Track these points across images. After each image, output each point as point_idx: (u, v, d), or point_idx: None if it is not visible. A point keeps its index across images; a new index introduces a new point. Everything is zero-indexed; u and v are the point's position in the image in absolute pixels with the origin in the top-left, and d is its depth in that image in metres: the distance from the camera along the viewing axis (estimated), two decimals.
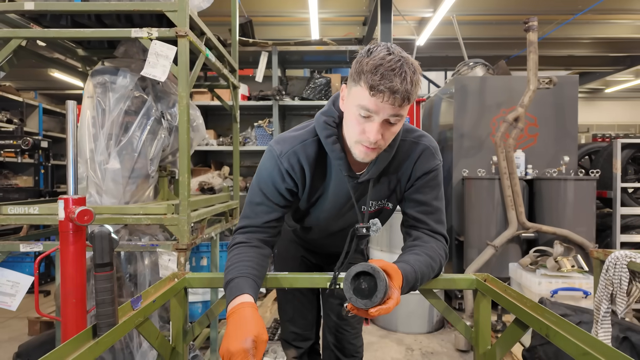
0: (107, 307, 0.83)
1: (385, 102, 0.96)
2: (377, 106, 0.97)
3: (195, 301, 2.92)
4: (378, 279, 0.94)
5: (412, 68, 0.97)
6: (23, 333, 3.28)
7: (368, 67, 0.96)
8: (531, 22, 3.29)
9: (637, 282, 1.67)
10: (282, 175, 1.17)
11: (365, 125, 1.01)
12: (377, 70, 0.94)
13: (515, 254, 3.51)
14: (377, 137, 1.00)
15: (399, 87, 0.94)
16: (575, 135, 4.00)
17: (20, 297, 1.75)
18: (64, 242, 1.21)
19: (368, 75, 0.95)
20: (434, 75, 8.38)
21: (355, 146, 1.07)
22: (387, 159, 1.15)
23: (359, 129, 1.03)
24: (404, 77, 0.95)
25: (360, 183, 1.19)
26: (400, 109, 0.98)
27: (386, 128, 1.02)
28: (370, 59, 0.97)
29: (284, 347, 1.71)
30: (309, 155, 1.17)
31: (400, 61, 0.96)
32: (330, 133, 1.13)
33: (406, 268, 1.06)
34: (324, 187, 1.24)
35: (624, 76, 9.35)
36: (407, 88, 0.95)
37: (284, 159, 1.16)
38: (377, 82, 0.94)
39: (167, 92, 2.21)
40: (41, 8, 1.80)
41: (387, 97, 0.95)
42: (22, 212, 1.77)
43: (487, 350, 1.21)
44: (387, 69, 0.94)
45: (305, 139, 1.17)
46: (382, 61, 0.95)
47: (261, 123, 4.53)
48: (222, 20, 4.56)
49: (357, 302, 0.95)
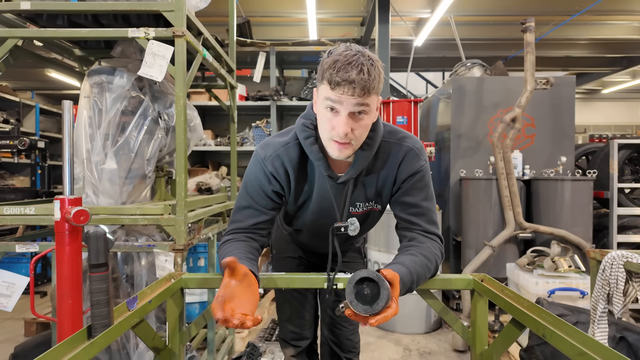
0: (102, 307, 0.82)
1: (346, 94, 1.00)
2: (339, 99, 1.01)
3: (192, 302, 2.91)
4: (382, 288, 0.93)
5: (369, 61, 1.01)
6: (19, 334, 3.26)
7: (327, 64, 1.02)
8: (528, 23, 3.30)
9: (633, 282, 1.68)
10: (268, 178, 1.21)
11: (334, 120, 1.05)
12: (335, 65, 1.00)
13: (512, 254, 3.52)
14: (345, 129, 1.03)
15: (355, 77, 0.98)
16: (572, 135, 4.01)
17: (16, 298, 1.74)
18: (60, 242, 1.20)
19: (328, 72, 1.01)
20: (432, 76, 8.40)
21: (329, 144, 1.09)
22: (368, 158, 1.16)
23: (328, 126, 1.06)
24: (360, 68, 0.98)
25: (341, 184, 1.20)
26: (362, 99, 1.01)
27: (354, 120, 1.05)
28: (330, 58, 1.02)
29: (282, 346, 1.71)
30: (291, 158, 1.20)
31: (357, 55, 1.00)
32: (308, 134, 1.16)
33: (402, 270, 1.06)
34: (309, 189, 1.26)
35: (620, 77, 9.40)
36: (364, 77, 0.98)
37: (268, 162, 1.20)
38: (335, 75, 0.99)
39: (164, 92, 2.20)
40: (37, 8, 1.79)
41: (346, 89, 0.99)
42: (18, 213, 1.76)
43: (484, 350, 1.21)
44: (344, 63, 0.99)
45: (287, 142, 1.21)
46: (339, 57, 1.01)
47: (259, 123, 4.52)
48: (219, 20, 4.57)
49: (358, 307, 0.94)
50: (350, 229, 1.20)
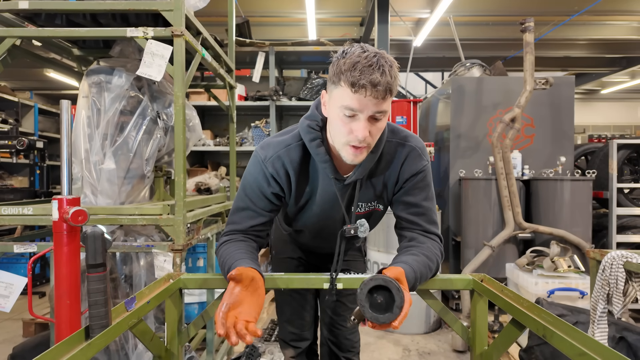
0: (100, 308, 0.82)
1: (369, 97, 0.96)
2: (360, 103, 0.97)
3: (191, 302, 2.90)
4: (395, 292, 0.93)
5: (389, 62, 0.98)
6: (18, 335, 3.25)
7: (346, 66, 0.97)
8: (527, 23, 3.30)
9: (633, 282, 1.67)
10: (267, 180, 1.19)
11: (352, 124, 1.01)
12: (356, 67, 0.95)
13: (512, 255, 3.51)
14: (365, 133, 1.00)
15: (380, 79, 0.95)
16: (571, 135, 4.01)
17: (14, 299, 1.73)
18: (58, 242, 1.19)
19: (347, 74, 0.96)
20: (431, 76, 8.41)
21: (344, 148, 1.06)
22: (373, 160, 1.15)
23: (345, 130, 1.02)
24: (382, 70, 0.95)
25: (347, 185, 1.19)
26: (384, 103, 0.99)
27: (372, 124, 1.02)
28: (347, 59, 0.98)
29: (282, 347, 1.71)
30: (293, 160, 1.17)
31: (377, 56, 0.97)
32: (314, 137, 1.14)
33: (406, 268, 1.06)
34: (311, 191, 1.24)
35: (619, 77, 9.41)
36: (388, 80, 0.96)
37: (269, 163, 1.17)
38: (357, 77, 0.95)
39: (163, 92, 2.20)
40: (35, 7, 1.78)
41: (369, 92, 0.95)
42: (15, 213, 1.75)
43: (484, 350, 1.20)
44: (365, 65, 0.95)
45: (289, 143, 1.18)
46: (359, 58, 0.96)
47: (258, 123, 4.52)
48: (219, 20, 4.56)
49: (380, 318, 0.93)
50: (360, 230, 1.19)
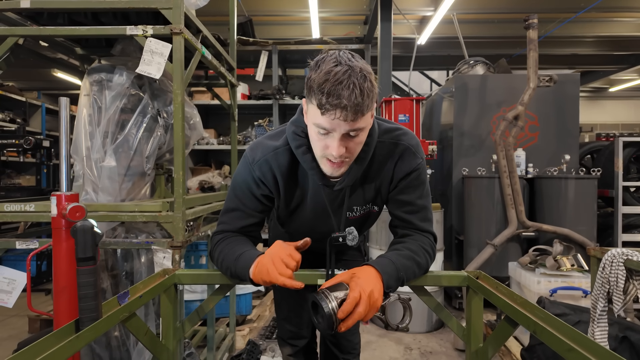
0: (89, 301, 0.83)
1: (337, 119, 0.92)
2: (331, 124, 0.94)
3: (193, 299, 2.92)
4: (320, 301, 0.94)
5: (361, 76, 0.92)
6: (23, 331, 3.30)
7: (315, 83, 0.93)
8: (531, 20, 3.27)
9: (634, 280, 1.65)
10: (255, 182, 1.18)
11: (327, 140, 0.99)
12: (324, 88, 0.91)
13: (515, 253, 3.49)
14: (339, 151, 0.98)
15: (346, 103, 0.90)
16: (576, 133, 3.97)
17: (17, 294, 1.75)
18: (57, 238, 1.21)
19: (317, 94, 0.92)
20: (436, 75, 8.36)
21: (322, 161, 1.05)
22: (360, 169, 1.13)
23: (321, 145, 1.01)
24: (352, 89, 0.90)
25: (337, 191, 1.17)
26: (356, 122, 0.94)
27: (348, 140, 0.99)
28: (317, 74, 0.93)
29: (280, 344, 1.72)
30: (280, 164, 1.16)
31: (348, 72, 0.91)
32: (300, 143, 1.11)
33: (382, 262, 1.06)
34: (302, 195, 1.23)
35: (628, 75, 9.27)
36: (357, 102, 0.90)
37: (256, 167, 1.16)
38: (325, 100, 0.91)
39: (163, 90, 2.21)
40: (37, 6, 1.80)
41: (338, 114, 0.92)
42: (18, 210, 1.78)
43: (479, 348, 1.20)
44: (334, 84, 0.90)
45: (277, 147, 1.16)
46: (328, 76, 0.91)
47: (261, 122, 4.54)
48: (222, 19, 4.56)
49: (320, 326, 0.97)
50: (349, 239, 1.16)
